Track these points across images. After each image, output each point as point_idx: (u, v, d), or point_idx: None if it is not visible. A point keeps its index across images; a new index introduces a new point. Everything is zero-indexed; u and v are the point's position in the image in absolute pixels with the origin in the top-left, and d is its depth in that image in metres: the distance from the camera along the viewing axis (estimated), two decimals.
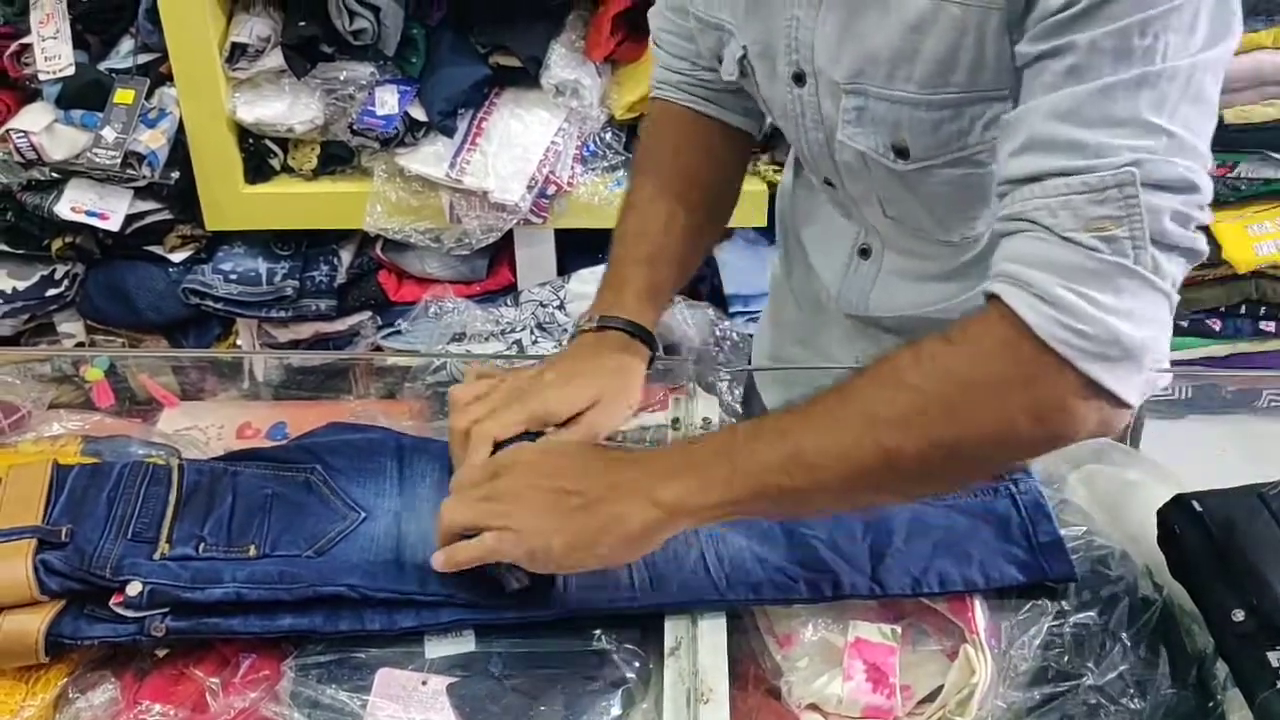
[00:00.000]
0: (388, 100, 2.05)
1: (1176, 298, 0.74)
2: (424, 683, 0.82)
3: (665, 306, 1.06)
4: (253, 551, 0.86)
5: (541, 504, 0.81)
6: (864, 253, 1.12)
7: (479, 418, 0.91)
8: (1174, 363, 2.65)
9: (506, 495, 0.82)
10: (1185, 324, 2.24)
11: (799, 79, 0.93)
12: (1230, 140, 2.06)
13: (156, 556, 0.84)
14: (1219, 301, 2.22)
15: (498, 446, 0.90)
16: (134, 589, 0.81)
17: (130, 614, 0.81)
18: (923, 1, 0.81)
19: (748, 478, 0.77)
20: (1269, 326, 2.25)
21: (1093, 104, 0.70)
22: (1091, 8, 0.70)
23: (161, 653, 0.83)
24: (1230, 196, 2.13)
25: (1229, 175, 2.09)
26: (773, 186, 1.96)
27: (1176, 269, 0.72)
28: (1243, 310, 2.24)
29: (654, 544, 0.80)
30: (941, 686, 0.82)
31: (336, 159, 2.16)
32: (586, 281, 2.16)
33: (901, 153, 0.91)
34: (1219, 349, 2.27)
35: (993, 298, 0.74)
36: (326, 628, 0.83)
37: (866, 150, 0.93)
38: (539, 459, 0.85)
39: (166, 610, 0.81)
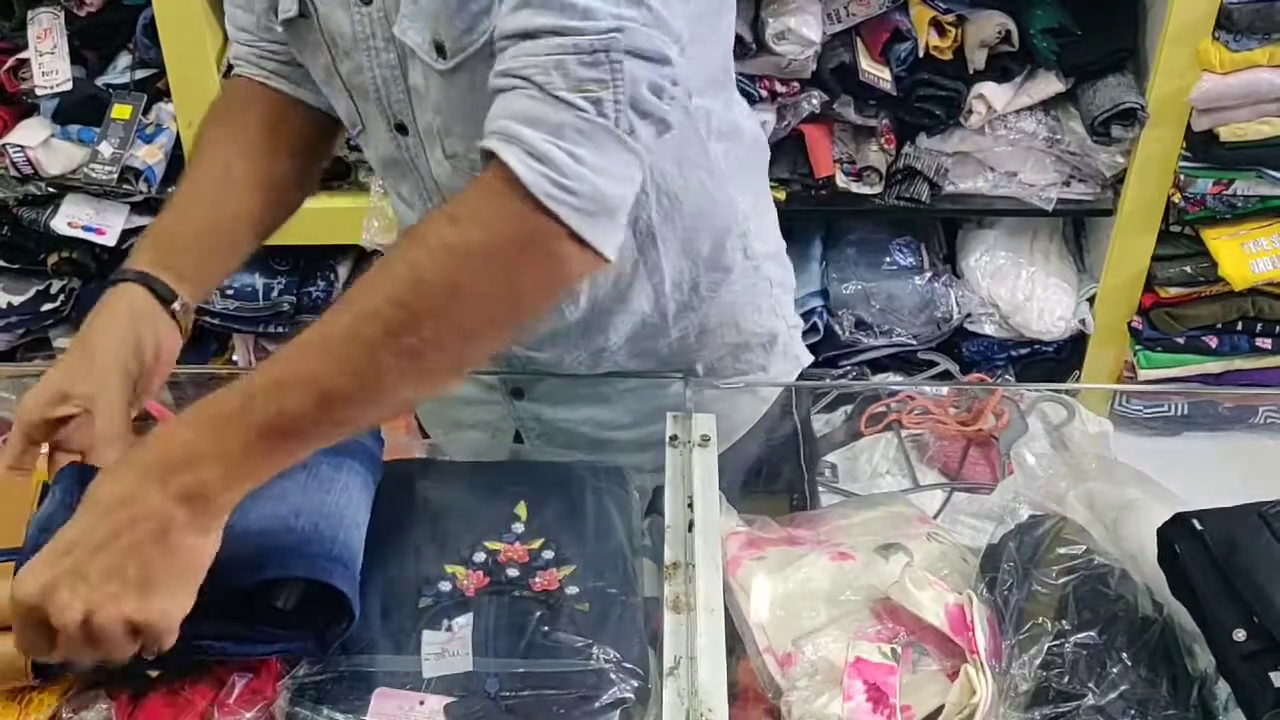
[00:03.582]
0: None
1: (648, 158, 0.80)
2: (421, 702, 0.81)
3: (195, 255, 0.98)
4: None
5: (88, 581, 0.71)
6: None
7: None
8: (1170, 380, 2.65)
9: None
10: (1181, 340, 2.25)
11: None
12: (1226, 158, 2.06)
13: None
14: (1215, 318, 2.23)
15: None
16: None
17: None
18: None
19: (272, 436, 0.74)
20: (1265, 343, 2.25)
21: None
22: None
23: (155, 673, 0.83)
24: (1226, 214, 2.13)
25: (1225, 192, 2.10)
26: None
27: (648, 134, 0.79)
28: (1239, 327, 2.24)
29: (211, 544, 0.75)
30: (942, 707, 0.82)
31: (333, 174, 2.16)
32: None
33: (440, 49, 0.88)
34: (1215, 366, 2.28)
35: (489, 155, 0.77)
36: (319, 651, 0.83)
37: (416, 47, 0.88)
38: (56, 546, 0.73)
39: None
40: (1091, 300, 2.27)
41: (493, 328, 0.80)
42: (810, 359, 1.25)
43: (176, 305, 0.95)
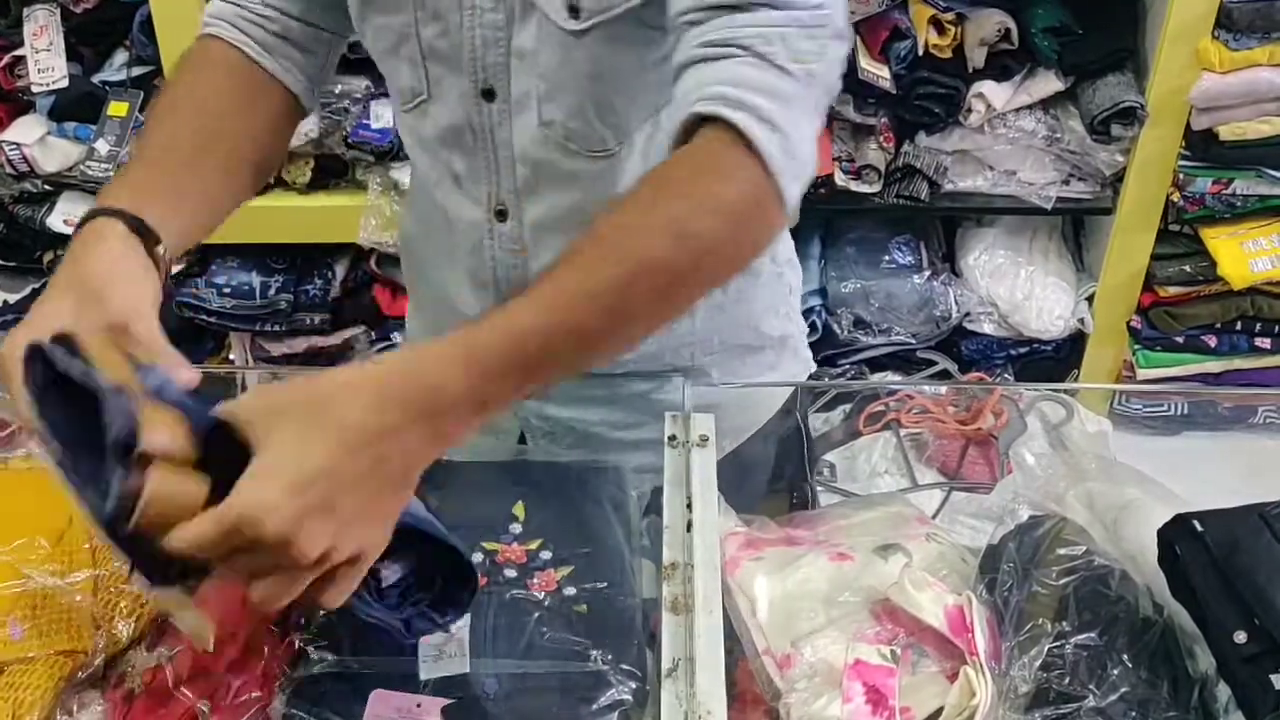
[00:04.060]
0: (383, 114, 2.04)
1: None
2: (418, 705, 0.81)
3: (170, 202, 0.91)
4: None
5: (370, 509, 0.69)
6: (500, 215, 1.01)
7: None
8: (1170, 379, 2.65)
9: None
10: (1180, 340, 2.25)
11: None
12: (1226, 157, 2.06)
13: None
14: (1215, 318, 2.23)
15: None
16: None
17: None
18: None
19: (529, 380, 0.74)
20: (1264, 343, 2.25)
21: None
22: None
23: (151, 673, 0.82)
24: (1226, 213, 2.13)
25: (1224, 192, 2.10)
26: None
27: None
28: (1238, 326, 2.24)
29: None
30: (942, 708, 0.81)
31: (331, 172, 2.16)
32: None
33: (574, 9, 0.87)
34: (1214, 365, 2.28)
35: (701, 120, 0.77)
36: None
37: (545, 5, 0.87)
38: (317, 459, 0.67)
39: None
40: (1090, 299, 2.27)
41: (716, 285, 0.82)
42: (814, 366, 1.25)
43: (160, 249, 0.87)
